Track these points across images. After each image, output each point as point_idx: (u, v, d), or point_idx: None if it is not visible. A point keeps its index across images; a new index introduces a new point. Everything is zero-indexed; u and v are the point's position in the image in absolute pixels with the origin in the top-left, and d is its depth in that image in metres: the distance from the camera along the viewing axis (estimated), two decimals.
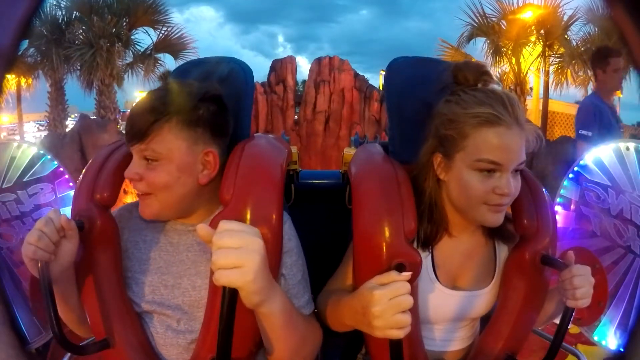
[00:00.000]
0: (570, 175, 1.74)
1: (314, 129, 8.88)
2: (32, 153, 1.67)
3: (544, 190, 1.04)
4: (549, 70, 7.94)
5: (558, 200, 1.76)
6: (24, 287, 1.48)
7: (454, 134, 0.90)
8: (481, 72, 0.93)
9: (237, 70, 1.08)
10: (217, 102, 0.96)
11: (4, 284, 1.35)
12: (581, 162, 1.72)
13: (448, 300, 0.98)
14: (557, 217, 1.05)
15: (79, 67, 7.86)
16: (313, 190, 1.45)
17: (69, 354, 1.12)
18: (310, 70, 9.24)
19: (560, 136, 6.00)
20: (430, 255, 0.98)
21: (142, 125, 0.88)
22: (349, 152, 1.22)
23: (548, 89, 8.12)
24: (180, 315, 0.94)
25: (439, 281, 0.98)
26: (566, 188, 1.75)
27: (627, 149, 1.62)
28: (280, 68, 9.10)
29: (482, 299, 1.01)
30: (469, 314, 1.01)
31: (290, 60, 9.04)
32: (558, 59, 7.68)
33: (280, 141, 1.11)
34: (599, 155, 1.68)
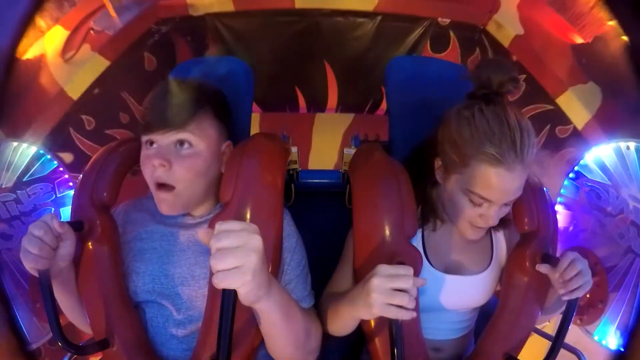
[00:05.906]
0: (571, 175, 1.74)
1: None
2: (31, 153, 1.67)
3: (544, 189, 1.04)
4: None
5: (558, 200, 1.76)
6: (24, 287, 1.48)
7: (456, 158, 0.90)
8: (508, 79, 0.89)
9: (236, 70, 1.09)
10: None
11: (4, 284, 1.35)
12: (581, 162, 1.72)
13: (440, 283, 0.98)
14: (557, 217, 1.05)
15: None
16: (313, 190, 1.45)
17: (69, 354, 1.12)
18: None
19: None
20: (421, 240, 0.99)
21: (184, 113, 0.90)
22: (349, 152, 1.21)
23: None
24: (179, 304, 0.94)
25: (430, 264, 0.98)
26: (566, 188, 1.75)
27: (628, 148, 1.62)
28: None
29: (477, 285, 1.00)
30: (463, 301, 1.01)
31: None
32: None
33: (280, 141, 1.11)
34: (600, 155, 1.68)
